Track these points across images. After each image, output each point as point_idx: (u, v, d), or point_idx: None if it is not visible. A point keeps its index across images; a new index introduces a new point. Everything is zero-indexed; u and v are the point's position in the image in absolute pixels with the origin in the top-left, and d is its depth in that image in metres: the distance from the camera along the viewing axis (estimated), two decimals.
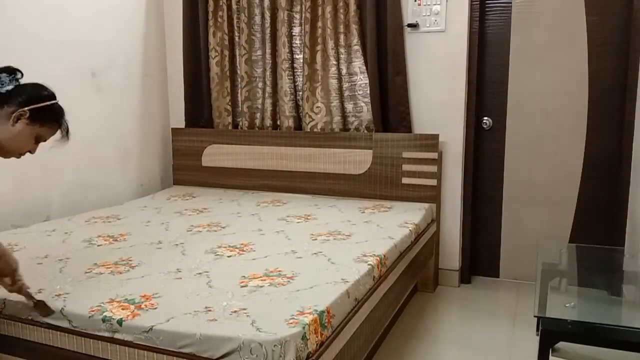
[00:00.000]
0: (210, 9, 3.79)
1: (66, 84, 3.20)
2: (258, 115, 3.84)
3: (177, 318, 1.66)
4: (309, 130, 3.63)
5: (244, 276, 2.02)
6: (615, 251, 2.83)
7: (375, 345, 2.54)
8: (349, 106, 3.58)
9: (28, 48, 2.96)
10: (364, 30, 3.44)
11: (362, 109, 3.53)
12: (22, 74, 1.71)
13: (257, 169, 3.80)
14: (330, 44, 3.50)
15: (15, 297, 1.84)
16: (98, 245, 2.46)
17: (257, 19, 3.72)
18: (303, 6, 3.53)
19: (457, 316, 3.14)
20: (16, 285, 1.74)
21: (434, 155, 3.32)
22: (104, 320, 1.68)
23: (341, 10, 3.46)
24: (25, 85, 1.71)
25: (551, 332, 1.81)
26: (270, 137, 3.74)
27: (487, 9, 3.43)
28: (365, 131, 3.54)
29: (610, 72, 3.23)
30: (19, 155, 1.73)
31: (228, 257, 2.28)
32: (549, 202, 3.45)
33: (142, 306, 1.75)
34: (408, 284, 2.90)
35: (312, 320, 1.63)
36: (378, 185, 3.47)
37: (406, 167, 3.40)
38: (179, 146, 4.02)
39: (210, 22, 3.81)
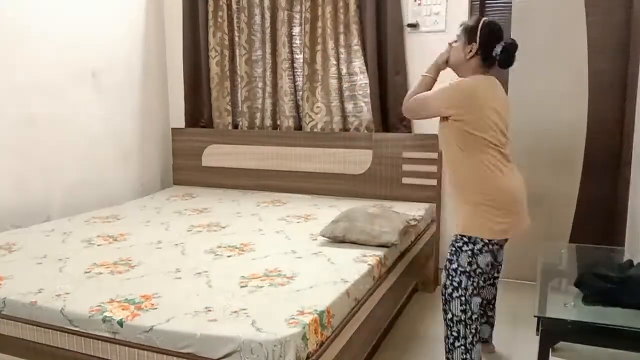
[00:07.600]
0: (210, 9, 3.79)
1: (66, 84, 3.20)
2: (258, 115, 3.83)
3: (177, 318, 1.65)
4: (309, 130, 3.63)
5: (243, 276, 2.02)
6: (615, 251, 2.83)
7: (375, 345, 2.53)
8: (349, 106, 3.57)
9: (29, 48, 2.96)
10: (364, 30, 3.44)
11: (362, 109, 3.53)
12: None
13: (257, 169, 3.80)
14: (330, 44, 3.50)
15: (15, 297, 1.84)
16: (98, 245, 2.46)
17: (257, 18, 3.72)
18: (303, 6, 3.53)
19: None
20: None
21: (434, 155, 3.32)
22: (104, 321, 1.68)
23: (341, 10, 3.46)
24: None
25: (551, 332, 1.81)
26: (270, 137, 3.74)
27: (487, 9, 3.43)
28: (365, 131, 3.54)
29: (610, 72, 3.23)
30: None
31: (228, 257, 2.28)
32: (549, 202, 3.44)
33: (142, 306, 1.74)
34: (408, 284, 2.90)
35: (312, 320, 1.63)
36: (378, 185, 3.47)
37: (406, 167, 3.39)
38: (179, 146, 4.01)
39: (210, 22, 3.81)
